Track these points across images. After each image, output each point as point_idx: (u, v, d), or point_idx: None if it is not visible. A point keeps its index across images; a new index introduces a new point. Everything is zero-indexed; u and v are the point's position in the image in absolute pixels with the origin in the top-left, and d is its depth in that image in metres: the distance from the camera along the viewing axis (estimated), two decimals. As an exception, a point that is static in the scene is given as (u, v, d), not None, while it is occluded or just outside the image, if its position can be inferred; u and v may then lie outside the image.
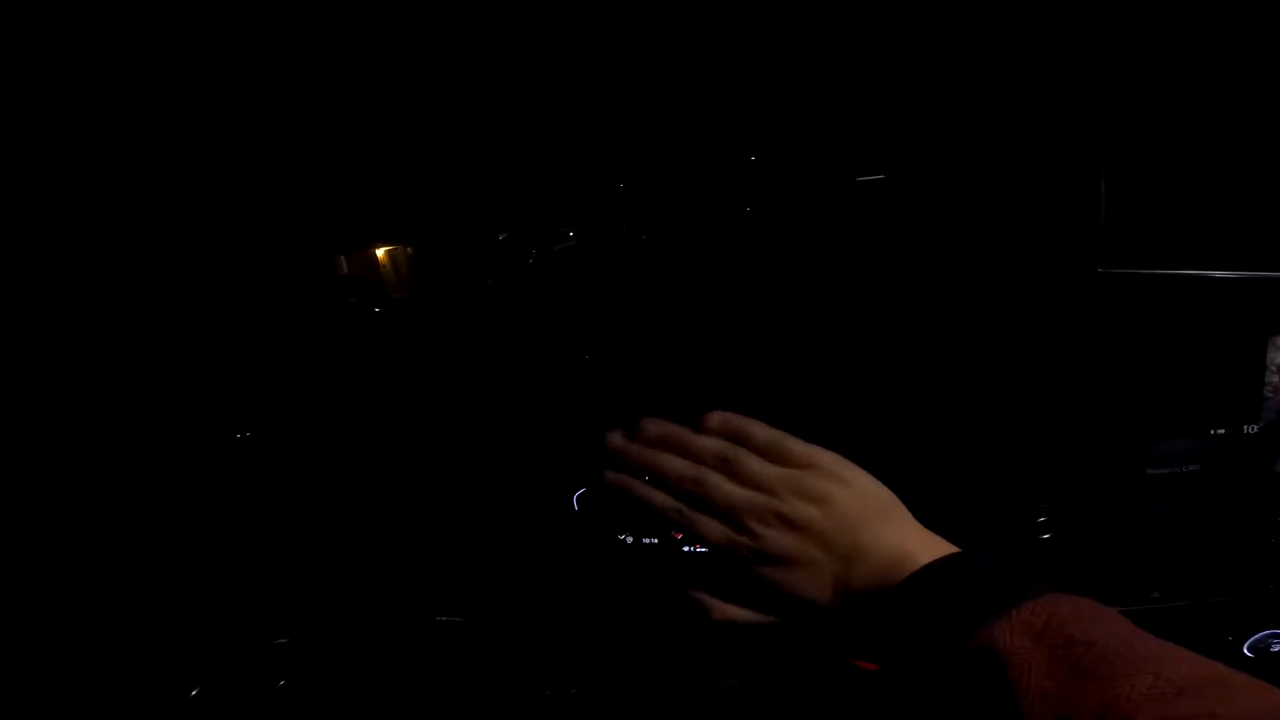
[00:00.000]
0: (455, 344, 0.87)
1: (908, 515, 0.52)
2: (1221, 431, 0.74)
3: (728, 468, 0.51)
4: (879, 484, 0.52)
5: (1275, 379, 0.73)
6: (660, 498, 0.53)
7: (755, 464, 0.51)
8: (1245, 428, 0.74)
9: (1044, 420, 0.78)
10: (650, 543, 0.87)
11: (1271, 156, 0.62)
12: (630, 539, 0.87)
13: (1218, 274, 0.66)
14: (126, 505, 0.82)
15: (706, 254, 0.80)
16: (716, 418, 0.54)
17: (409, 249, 0.89)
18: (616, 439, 0.55)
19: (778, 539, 0.49)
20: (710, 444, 0.52)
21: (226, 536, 0.86)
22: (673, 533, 0.87)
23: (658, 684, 0.83)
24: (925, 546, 0.48)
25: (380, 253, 0.89)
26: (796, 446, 0.52)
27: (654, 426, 0.54)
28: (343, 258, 0.88)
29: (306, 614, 0.86)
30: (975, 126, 0.70)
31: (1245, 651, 0.78)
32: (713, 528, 0.51)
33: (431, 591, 0.86)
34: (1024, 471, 0.79)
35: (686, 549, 0.88)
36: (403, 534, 0.89)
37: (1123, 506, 0.77)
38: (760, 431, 0.53)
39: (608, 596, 0.86)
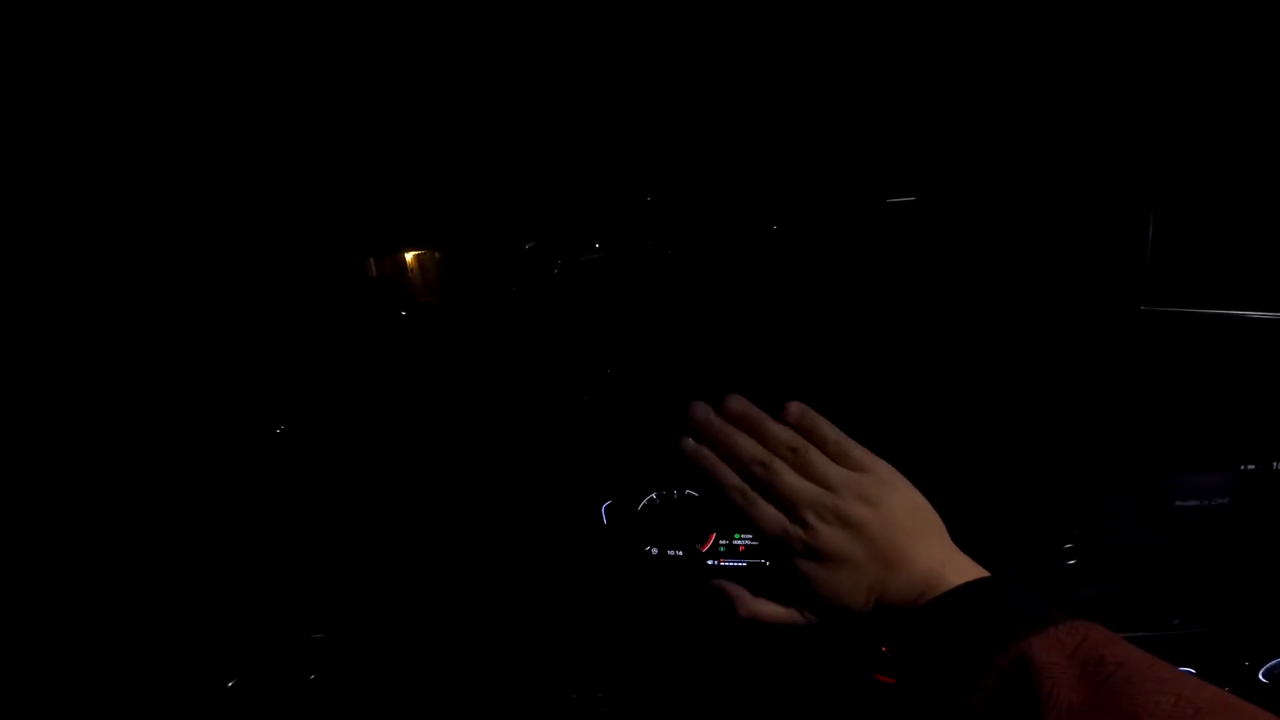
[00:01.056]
0: (478, 349, 0.88)
1: (946, 534, 0.52)
2: (1251, 467, 0.74)
3: (796, 458, 0.52)
4: (925, 500, 0.53)
5: (1306, 417, 0.72)
6: (727, 475, 0.53)
7: (820, 460, 0.52)
8: (1275, 464, 0.74)
9: (1078, 449, 0.78)
10: (675, 554, 0.88)
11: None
12: (655, 550, 0.88)
13: (1255, 314, 0.65)
14: (169, 503, 0.84)
15: (731, 270, 0.79)
16: (796, 409, 0.54)
17: (437, 254, 0.89)
18: (699, 410, 0.55)
19: (831, 535, 0.50)
20: (784, 433, 0.53)
21: (264, 534, 0.88)
22: (697, 545, 0.89)
23: (681, 689, 0.85)
24: (960, 568, 0.49)
25: (409, 257, 0.89)
26: (857, 451, 0.53)
27: (736, 404, 0.54)
28: (372, 261, 0.89)
29: (339, 612, 0.89)
30: (1030, 160, 0.69)
31: (1260, 677, 0.79)
32: (770, 514, 0.52)
33: (459, 595, 0.88)
34: (1055, 498, 0.80)
35: (710, 562, 0.90)
36: (431, 536, 0.91)
37: (1150, 537, 0.77)
38: (829, 430, 0.54)
39: (633, 604, 0.88)
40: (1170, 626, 0.78)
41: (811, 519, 0.51)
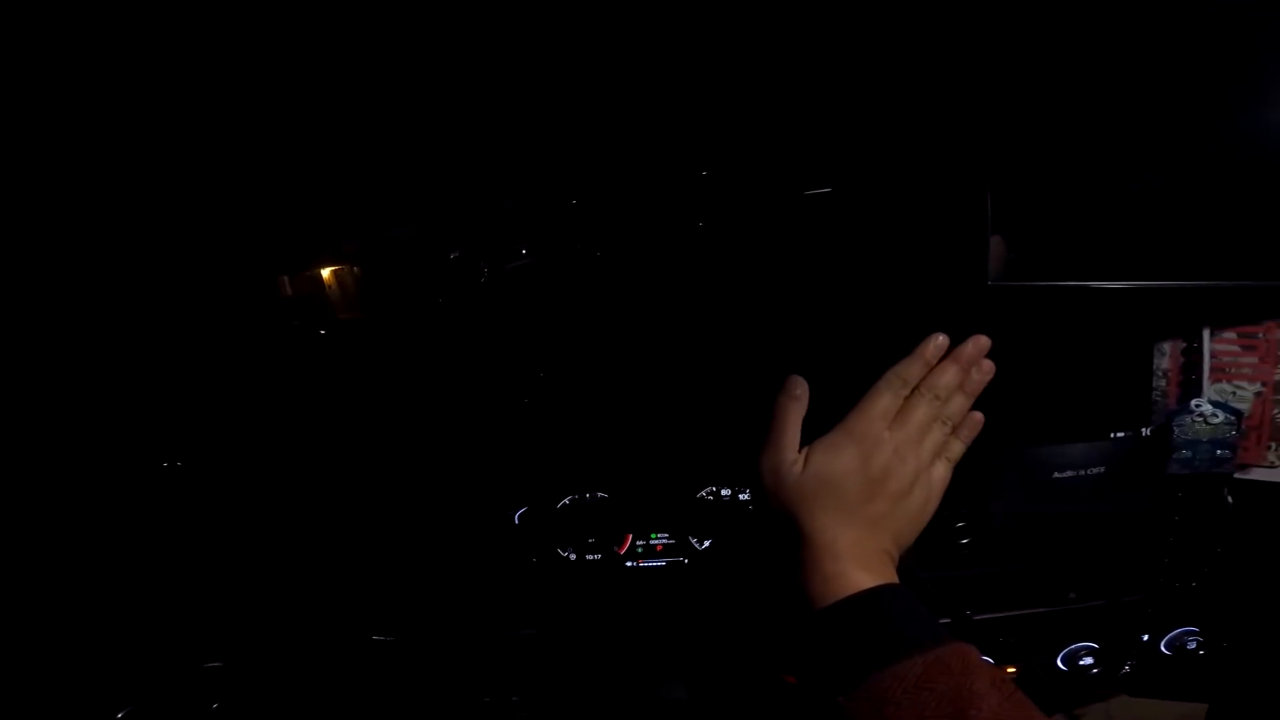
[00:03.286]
0: (404, 365, 0.88)
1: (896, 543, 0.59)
2: (1121, 434, 0.81)
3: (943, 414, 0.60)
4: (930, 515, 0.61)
5: (1162, 383, 0.81)
6: (913, 367, 0.59)
7: (940, 434, 0.61)
8: (1143, 430, 0.81)
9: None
10: (592, 557, 0.87)
11: (1152, 170, 0.71)
12: (573, 555, 0.87)
13: (1102, 285, 0.74)
14: (58, 530, 0.79)
15: (660, 269, 0.84)
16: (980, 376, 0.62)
17: (356, 268, 0.89)
18: (980, 343, 0.61)
19: (899, 468, 0.57)
20: (959, 399, 0.61)
21: (161, 560, 0.83)
22: (614, 547, 0.88)
23: (596, 692, 0.82)
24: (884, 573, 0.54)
25: (326, 273, 0.89)
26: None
27: (975, 347, 0.61)
28: (286, 278, 0.88)
29: (243, 637, 0.83)
30: (888, 148, 0.78)
31: (1163, 649, 0.82)
32: (884, 406, 0.58)
33: (371, 604, 0.84)
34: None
35: (629, 563, 0.89)
36: (344, 554, 0.86)
37: (1034, 510, 0.81)
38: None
39: (548, 608, 0.85)
40: (1067, 601, 0.82)
41: (900, 438, 0.57)
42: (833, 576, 0.52)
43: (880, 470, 0.55)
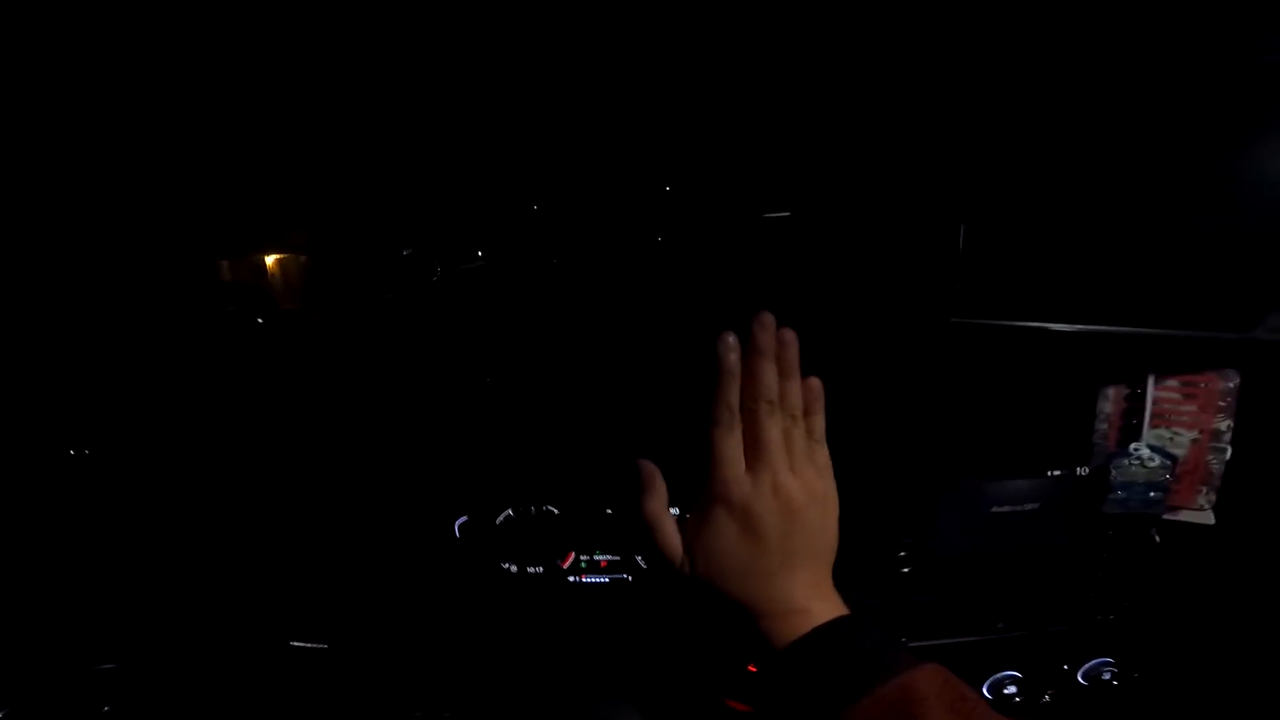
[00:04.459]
0: (347, 360, 0.84)
1: (831, 563, 0.58)
2: (1057, 473, 0.84)
3: (790, 423, 0.57)
4: (837, 530, 0.59)
5: (1104, 426, 0.83)
6: (731, 389, 0.56)
7: (803, 442, 0.57)
8: (1078, 469, 0.84)
9: (905, 459, 0.85)
10: (534, 571, 0.86)
11: (1113, 216, 0.73)
12: (514, 568, 0.85)
13: (1057, 327, 0.75)
14: None
15: (616, 281, 0.82)
16: (816, 384, 0.59)
17: (302, 258, 0.85)
18: (765, 320, 0.57)
19: (766, 502, 0.54)
20: (797, 396, 0.58)
21: (59, 552, 0.78)
22: (557, 561, 0.87)
23: (536, 712, 0.81)
24: (827, 599, 0.54)
25: (270, 260, 0.85)
26: (823, 456, 0.59)
27: (789, 337, 0.57)
28: (226, 263, 0.84)
29: (141, 638, 0.79)
30: (856, 176, 0.78)
31: (1080, 679, 0.85)
32: (733, 451, 0.55)
33: (301, 612, 0.81)
34: (886, 509, 0.85)
35: (571, 578, 0.87)
36: (267, 553, 0.83)
37: (971, 542, 0.84)
38: (820, 422, 0.59)
39: (488, 622, 0.83)
40: (995, 630, 0.84)
41: (765, 479, 0.54)
42: (785, 618, 0.52)
43: (771, 513, 0.54)
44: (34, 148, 0.73)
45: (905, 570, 0.85)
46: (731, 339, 0.56)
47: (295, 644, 0.82)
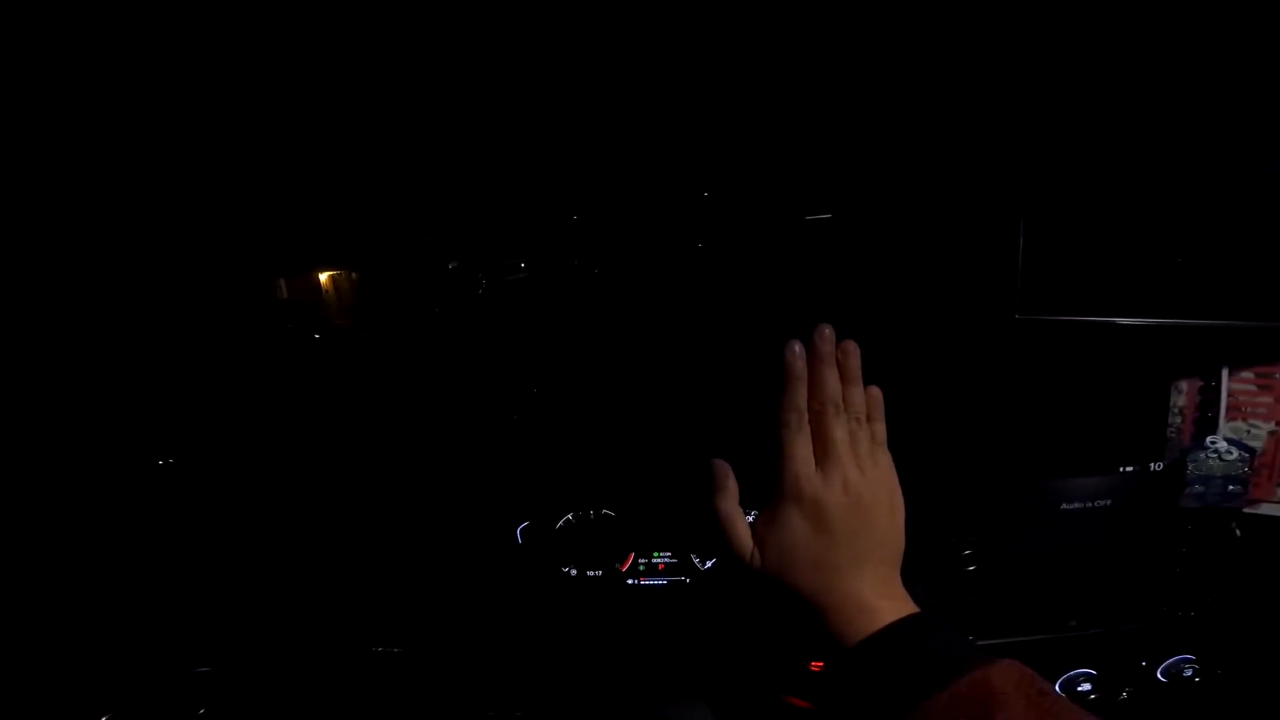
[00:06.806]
0: (399, 373, 0.86)
1: (899, 563, 0.57)
2: (1130, 469, 0.80)
3: (854, 425, 0.57)
4: (903, 529, 0.59)
5: (1177, 420, 0.79)
6: (799, 394, 0.57)
7: (868, 444, 0.58)
8: (1152, 465, 0.80)
9: (969, 458, 0.83)
10: (594, 574, 0.87)
11: (1173, 209, 0.69)
12: (574, 571, 0.87)
13: (1125, 321, 0.72)
14: (50, 528, 0.78)
15: (658, 288, 0.82)
16: (876, 391, 0.59)
17: (354, 274, 0.87)
18: (825, 331, 0.58)
19: (836, 498, 0.54)
20: (860, 399, 0.58)
21: (155, 560, 0.82)
22: (616, 564, 0.88)
23: (598, 709, 0.83)
24: (895, 598, 0.54)
25: (323, 277, 0.87)
26: (886, 458, 0.59)
27: (850, 347, 0.58)
28: (283, 281, 0.86)
29: (235, 642, 0.83)
30: (912, 176, 0.75)
31: (1159, 676, 0.83)
32: (802, 452, 0.56)
33: (372, 619, 0.84)
34: (950, 507, 0.83)
35: (630, 581, 0.89)
36: (342, 564, 0.86)
37: (1040, 540, 0.81)
38: (882, 427, 0.60)
39: (550, 624, 0.85)
40: (1067, 628, 0.82)
41: (835, 476, 0.55)
42: (854, 616, 0.52)
43: (840, 509, 0.54)
44: (114, 183, 0.76)
45: (971, 569, 0.83)
46: (798, 346, 0.56)
47: (376, 648, 0.85)
